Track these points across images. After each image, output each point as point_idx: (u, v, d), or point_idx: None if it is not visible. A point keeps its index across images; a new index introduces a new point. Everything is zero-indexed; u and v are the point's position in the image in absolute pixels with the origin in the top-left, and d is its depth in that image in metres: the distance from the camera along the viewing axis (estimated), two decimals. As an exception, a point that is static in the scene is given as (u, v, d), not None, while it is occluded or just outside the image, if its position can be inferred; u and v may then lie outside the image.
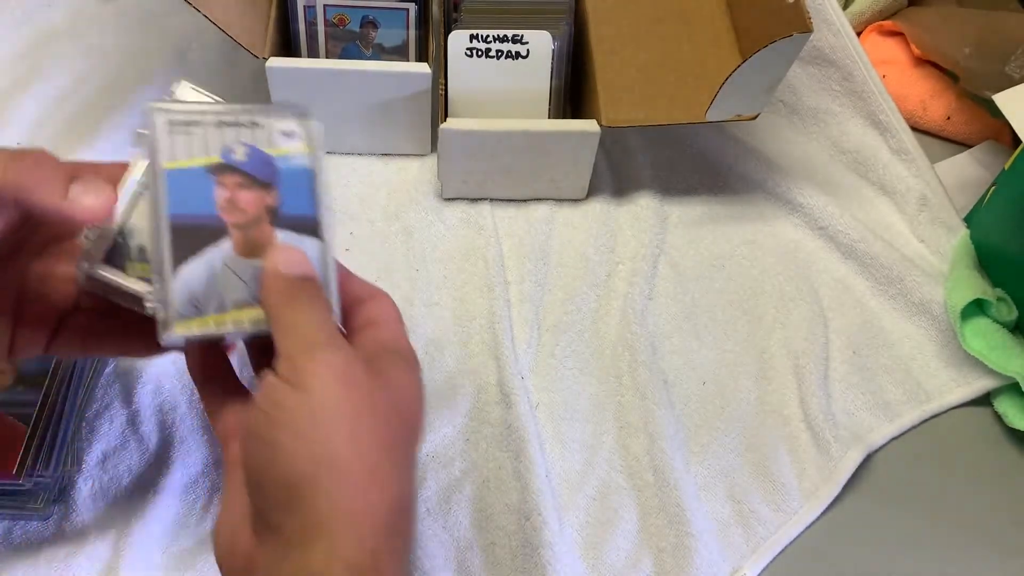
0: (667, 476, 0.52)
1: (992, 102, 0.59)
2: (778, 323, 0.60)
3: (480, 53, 0.60)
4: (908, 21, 0.72)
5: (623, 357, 0.57)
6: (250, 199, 0.37)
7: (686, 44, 0.61)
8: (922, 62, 0.71)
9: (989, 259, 0.61)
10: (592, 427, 0.55)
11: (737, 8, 0.60)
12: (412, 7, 0.62)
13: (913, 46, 0.71)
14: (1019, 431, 0.56)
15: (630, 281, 0.60)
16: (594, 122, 0.59)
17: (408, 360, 0.37)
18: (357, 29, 0.63)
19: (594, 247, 0.62)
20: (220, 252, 0.36)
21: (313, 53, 0.64)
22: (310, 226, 0.38)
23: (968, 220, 0.64)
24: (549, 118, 0.62)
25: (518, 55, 0.60)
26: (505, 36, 0.59)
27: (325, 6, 0.62)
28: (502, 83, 0.61)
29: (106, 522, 0.49)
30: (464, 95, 0.61)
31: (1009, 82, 0.63)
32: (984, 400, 0.58)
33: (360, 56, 0.64)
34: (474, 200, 0.64)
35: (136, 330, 0.40)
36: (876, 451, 0.55)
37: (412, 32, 0.63)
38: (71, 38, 0.71)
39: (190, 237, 0.36)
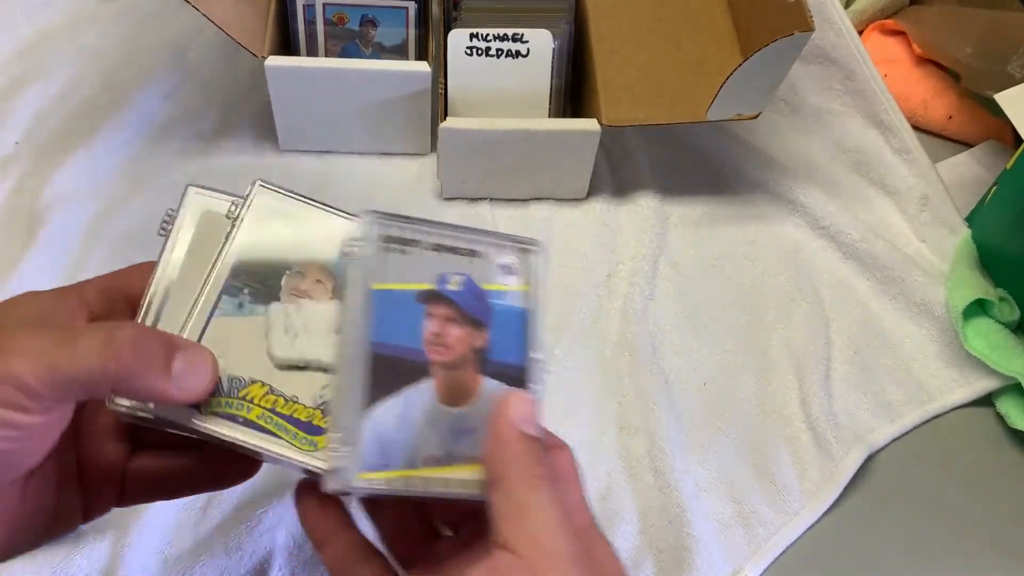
0: (668, 477, 0.52)
1: (994, 101, 0.59)
2: (779, 323, 0.60)
3: (480, 52, 0.59)
4: (910, 20, 0.72)
5: (623, 357, 0.57)
6: (459, 336, 0.33)
7: (687, 43, 0.61)
8: (924, 61, 0.71)
9: (991, 259, 0.61)
10: (592, 427, 0.55)
11: (738, 7, 0.60)
12: (412, 6, 0.62)
13: (915, 45, 0.71)
14: (1021, 432, 0.56)
15: (630, 281, 0.60)
16: (594, 121, 0.59)
17: (603, 535, 0.33)
18: (356, 28, 0.63)
19: (594, 247, 0.62)
20: (418, 395, 0.32)
21: (312, 52, 0.63)
22: (516, 376, 0.33)
23: (970, 220, 0.64)
24: (549, 117, 0.62)
25: (518, 54, 0.60)
26: (505, 35, 0.59)
27: (324, 5, 0.61)
28: (502, 82, 0.60)
29: (104, 523, 0.49)
30: (464, 94, 0.61)
31: (1011, 81, 0.63)
32: (986, 401, 0.58)
33: (359, 55, 0.64)
34: (474, 200, 0.64)
35: (210, 462, 0.36)
36: (877, 452, 0.55)
37: (412, 31, 0.63)
38: (70, 37, 0.70)
39: (389, 372, 0.31)
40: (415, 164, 0.65)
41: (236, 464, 0.36)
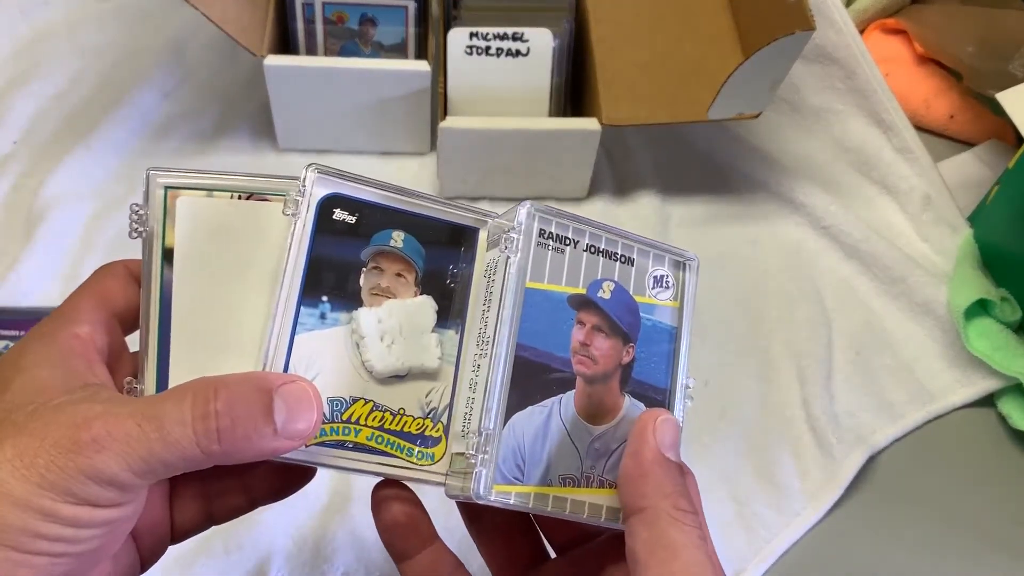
0: (668, 478, 0.52)
1: (996, 101, 0.58)
2: (781, 323, 0.59)
3: (480, 51, 0.59)
4: (911, 19, 0.72)
5: (624, 358, 0.57)
6: (605, 349, 0.31)
7: (687, 42, 0.61)
8: (925, 60, 0.71)
9: (993, 259, 0.60)
10: (593, 428, 0.54)
11: (739, 6, 0.60)
12: (411, 4, 0.61)
13: (916, 44, 0.71)
14: (1022, 432, 0.55)
15: (631, 281, 0.60)
16: (595, 120, 0.59)
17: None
18: (356, 27, 0.63)
19: (595, 247, 0.62)
20: (559, 406, 0.30)
21: (311, 51, 0.63)
22: (658, 400, 0.32)
23: (971, 219, 0.63)
24: (549, 116, 0.62)
25: (518, 53, 0.59)
26: (505, 34, 0.59)
27: (324, 3, 0.61)
28: (502, 81, 0.60)
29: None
30: (464, 93, 0.60)
31: (1012, 80, 0.63)
32: (988, 401, 0.57)
33: (359, 54, 0.63)
34: (474, 199, 0.63)
35: (262, 476, 0.33)
36: (879, 452, 0.55)
37: (411, 30, 0.63)
38: (68, 36, 0.70)
39: (532, 378, 0.29)
40: (415, 163, 0.65)
41: (293, 473, 0.33)
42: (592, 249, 0.31)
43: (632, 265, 0.32)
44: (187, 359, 0.30)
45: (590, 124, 0.59)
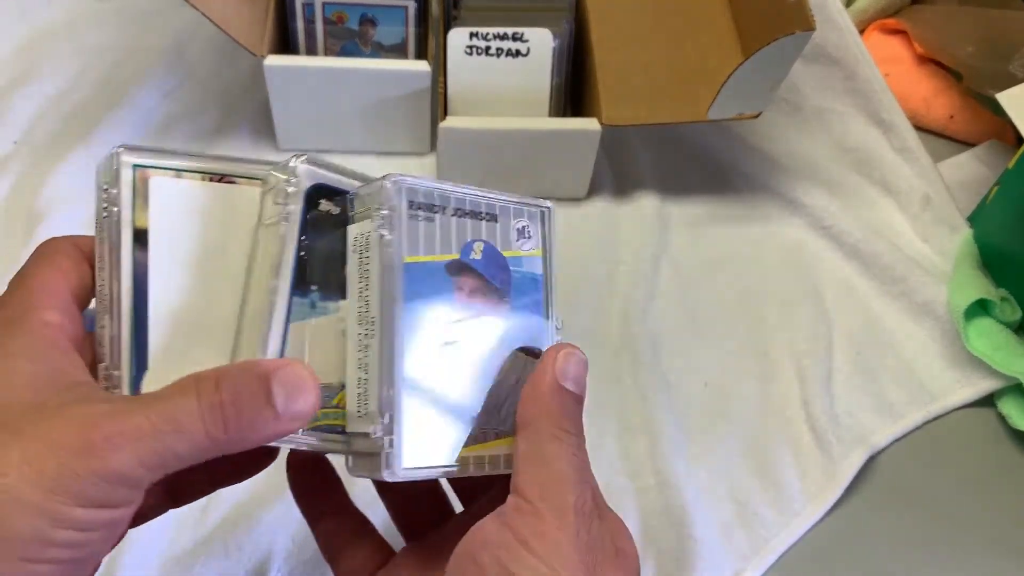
0: (669, 478, 0.52)
1: (995, 101, 0.58)
2: (781, 324, 0.60)
3: (480, 51, 0.59)
4: (911, 19, 0.72)
5: (624, 358, 0.57)
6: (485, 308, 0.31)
7: (688, 42, 0.61)
8: (925, 60, 0.71)
9: (992, 259, 0.60)
10: (593, 429, 0.54)
11: (739, 6, 0.60)
12: (411, 4, 0.61)
13: (916, 44, 0.71)
14: (1022, 432, 0.55)
15: (631, 281, 0.60)
16: (595, 120, 0.59)
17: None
18: (356, 27, 0.63)
19: (594, 247, 0.62)
20: None
21: (312, 51, 0.63)
22: (534, 351, 0.33)
23: (971, 219, 0.63)
24: (549, 116, 0.62)
25: (518, 53, 0.59)
26: (505, 34, 0.59)
27: (324, 3, 0.61)
28: (502, 81, 0.60)
29: (103, 524, 0.49)
30: (464, 93, 0.61)
31: (1012, 81, 0.63)
32: (988, 401, 0.57)
33: (359, 54, 0.63)
34: (474, 199, 0.63)
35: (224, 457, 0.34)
36: (879, 452, 0.55)
37: (411, 30, 0.63)
38: (68, 36, 0.70)
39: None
40: (415, 163, 0.65)
41: (257, 453, 0.33)
42: (459, 212, 0.32)
43: (496, 221, 0.33)
44: (166, 343, 0.29)
45: (590, 124, 0.59)
